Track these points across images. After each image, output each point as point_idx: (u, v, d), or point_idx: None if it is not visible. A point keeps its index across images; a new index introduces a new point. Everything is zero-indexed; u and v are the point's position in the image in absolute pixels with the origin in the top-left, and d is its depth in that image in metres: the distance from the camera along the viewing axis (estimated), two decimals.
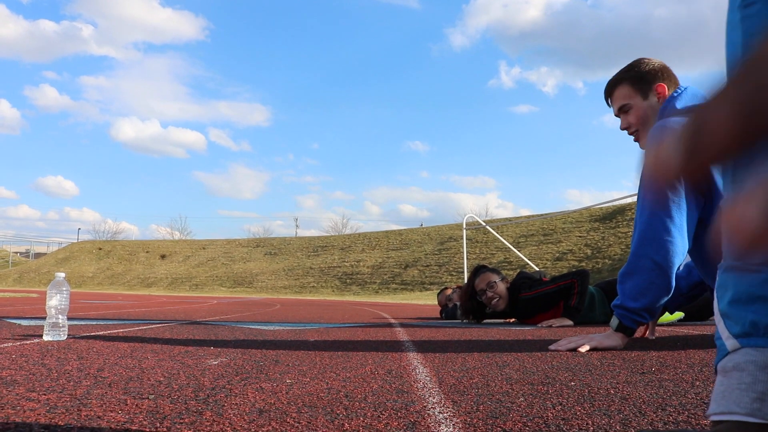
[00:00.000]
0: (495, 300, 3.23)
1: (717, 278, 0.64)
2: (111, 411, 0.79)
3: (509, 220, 25.60)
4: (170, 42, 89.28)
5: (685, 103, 1.78)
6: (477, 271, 3.37)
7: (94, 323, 2.79)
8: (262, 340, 2.01)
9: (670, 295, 1.70)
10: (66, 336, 1.87)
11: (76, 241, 48.05)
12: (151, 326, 2.64)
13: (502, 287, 3.25)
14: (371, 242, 31.09)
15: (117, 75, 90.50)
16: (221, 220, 76.18)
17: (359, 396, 0.94)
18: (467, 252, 17.25)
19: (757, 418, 0.53)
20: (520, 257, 11.77)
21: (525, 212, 40.62)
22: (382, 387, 1.03)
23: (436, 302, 5.17)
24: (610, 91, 1.97)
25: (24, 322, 2.72)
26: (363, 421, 0.75)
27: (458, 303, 4.01)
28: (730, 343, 0.60)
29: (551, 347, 1.75)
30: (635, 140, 1.89)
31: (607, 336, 1.71)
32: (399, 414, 0.80)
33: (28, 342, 1.76)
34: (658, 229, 1.68)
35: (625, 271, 1.74)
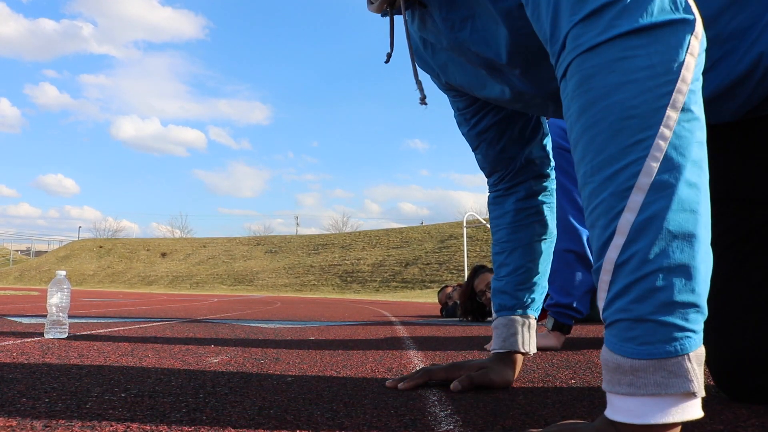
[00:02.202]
0: None
1: None
2: (111, 409, 0.79)
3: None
4: (170, 41, 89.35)
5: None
6: (476, 271, 3.36)
7: (95, 321, 2.80)
8: (263, 339, 2.01)
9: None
10: (67, 334, 1.88)
11: (76, 239, 48.10)
12: (151, 324, 2.64)
13: None
14: (372, 240, 31.10)
15: (117, 73, 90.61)
16: (222, 218, 76.29)
17: (359, 394, 0.94)
18: (468, 250, 17.24)
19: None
20: None
21: None
22: (382, 385, 1.03)
23: (437, 300, 5.17)
24: None
25: (25, 320, 2.72)
26: (363, 419, 0.75)
27: (458, 301, 4.02)
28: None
29: (486, 346, 1.72)
30: None
31: (544, 336, 1.69)
32: (399, 412, 0.80)
33: (28, 340, 1.76)
34: (566, 221, 1.70)
35: (551, 271, 1.76)
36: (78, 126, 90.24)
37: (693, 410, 0.50)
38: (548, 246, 1.10)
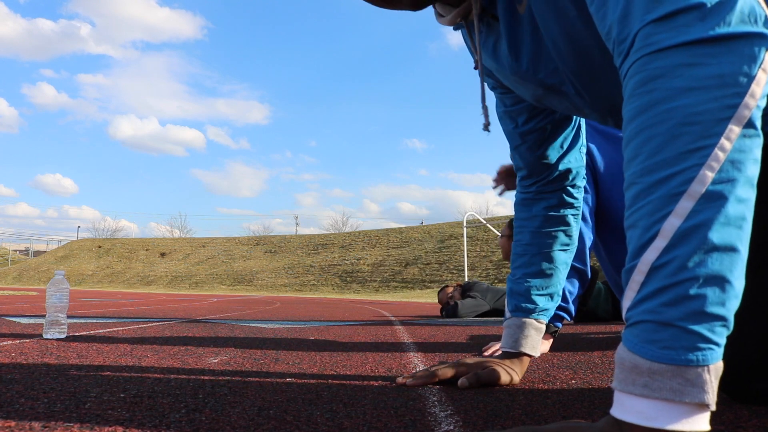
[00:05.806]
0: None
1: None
2: (110, 409, 0.78)
3: (510, 218, 25.59)
4: (168, 41, 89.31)
5: None
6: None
7: (94, 321, 2.79)
8: (262, 339, 2.01)
9: (587, 278, 1.74)
10: (65, 334, 1.87)
11: (75, 239, 48.05)
12: (150, 324, 2.64)
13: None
14: (371, 240, 31.09)
15: (115, 73, 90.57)
16: (221, 218, 76.27)
17: (359, 394, 0.93)
18: (468, 250, 17.23)
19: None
20: None
21: None
22: (382, 385, 1.02)
23: (437, 300, 5.17)
24: None
25: (23, 320, 2.72)
26: (363, 419, 0.75)
27: (459, 301, 4.02)
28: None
29: (485, 349, 1.62)
30: None
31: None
32: (399, 412, 0.80)
33: (27, 340, 1.75)
34: None
35: None
36: (76, 126, 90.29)
37: (702, 423, 0.49)
38: (569, 256, 1.11)
